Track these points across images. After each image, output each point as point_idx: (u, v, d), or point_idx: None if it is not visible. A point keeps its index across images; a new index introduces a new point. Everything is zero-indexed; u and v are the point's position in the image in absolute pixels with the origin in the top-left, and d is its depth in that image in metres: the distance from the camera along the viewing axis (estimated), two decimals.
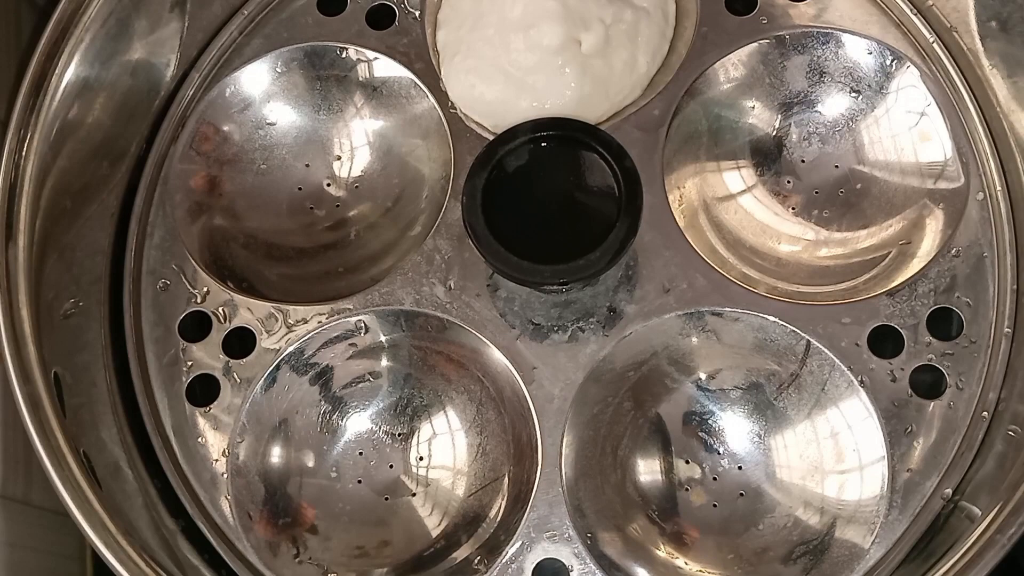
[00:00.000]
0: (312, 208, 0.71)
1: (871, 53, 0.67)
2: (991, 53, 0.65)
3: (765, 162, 0.69)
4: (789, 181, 0.68)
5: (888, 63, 0.67)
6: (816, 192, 0.68)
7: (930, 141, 0.66)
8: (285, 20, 0.71)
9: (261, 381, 0.63)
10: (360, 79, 0.70)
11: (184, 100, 0.70)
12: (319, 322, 0.64)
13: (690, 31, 0.69)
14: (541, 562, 0.59)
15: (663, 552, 0.61)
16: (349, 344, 0.65)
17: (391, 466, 0.65)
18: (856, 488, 0.60)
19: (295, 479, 0.64)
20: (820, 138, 0.69)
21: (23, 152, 0.61)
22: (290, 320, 0.64)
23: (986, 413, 0.60)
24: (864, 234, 0.66)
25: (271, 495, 0.63)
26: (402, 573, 0.62)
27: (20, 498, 0.62)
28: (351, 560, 0.63)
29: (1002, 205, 0.64)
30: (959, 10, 0.66)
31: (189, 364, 0.64)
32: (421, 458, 0.65)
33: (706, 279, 0.63)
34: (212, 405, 0.63)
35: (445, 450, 0.65)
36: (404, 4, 0.71)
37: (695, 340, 0.63)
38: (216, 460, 0.62)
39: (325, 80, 0.71)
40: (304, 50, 0.70)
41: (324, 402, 0.65)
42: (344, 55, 0.70)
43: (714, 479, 0.63)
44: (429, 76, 0.68)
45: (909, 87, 0.67)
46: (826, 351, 0.61)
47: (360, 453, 0.65)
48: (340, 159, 0.71)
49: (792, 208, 0.68)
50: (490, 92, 0.66)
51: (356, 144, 0.71)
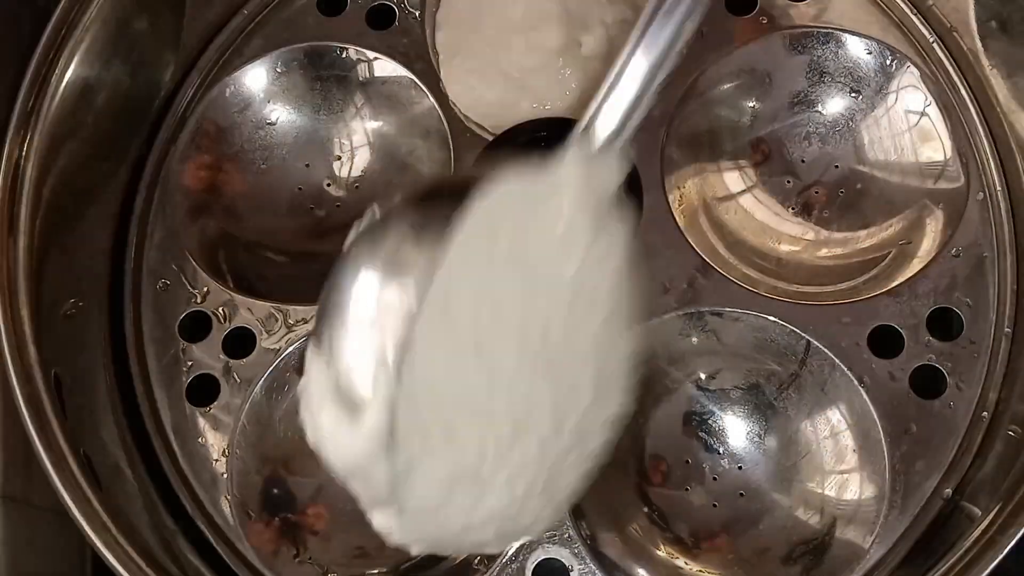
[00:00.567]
0: (312, 208, 0.71)
1: (871, 53, 0.67)
2: (991, 53, 0.65)
3: (765, 162, 0.69)
4: (789, 181, 0.68)
5: (888, 63, 0.67)
6: (816, 192, 0.68)
7: (930, 141, 0.66)
8: (285, 20, 0.71)
9: (261, 381, 0.63)
10: (360, 79, 0.70)
11: (184, 100, 0.70)
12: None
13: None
14: (541, 562, 0.59)
15: (663, 552, 0.61)
16: None
17: None
18: (856, 488, 0.60)
19: (295, 479, 0.64)
20: (820, 138, 0.68)
21: (23, 152, 0.61)
22: (290, 320, 0.64)
23: (986, 413, 0.60)
24: (864, 234, 0.66)
25: (271, 495, 0.63)
26: (402, 574, 0.62)
27: (20, 498, 0.62)
28: (351, 560, 0.63)
29: (1002, 205, 0.64)
30: (959, 10, 0.66)
31: (189, 364, 0.64)
32: None
33: (706, 279, 0.63)
34: (212, 405, 0.63)
35: None
36: (404, 4, 0.71)
37: (695, 340, 0.63)
38: (216, 460, 0.62)
39: (325, 80, 0.71)
40: (304, 50, 0.70)
41: None
42: (344, 55, 0.70)
43: (714, 479, 0.63)
44: (429, 76, 0.68)
45: (909, 87, 0.67)
46: (826, 351, 0.61)
47: None
48: (340, 159, 0.71)
49: (792, 208, 0.68)
50: (490, 93, 0.66)
51: (356, 144, 0.71)
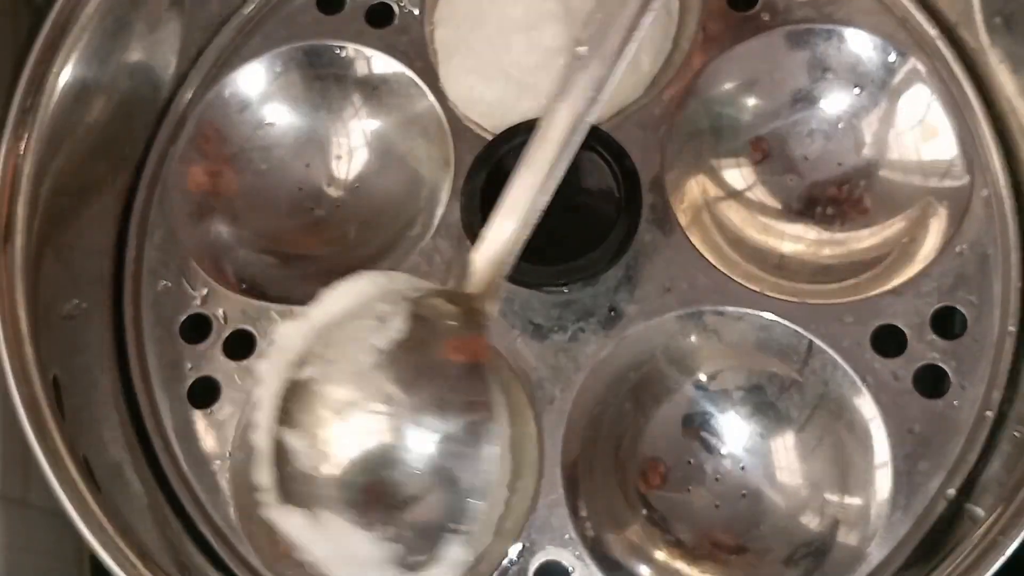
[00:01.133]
0: (312, 208, 0.70)
1: (874, 49, 0.67)
2: (996, 49, 0.65)
3: (767, 160, 0.68)
4: (791, 179, 0.68)
5: (891, 59, 0.66)
6: (819, 189, 0.67)
7: (934, 138, 0.66)
8: (284, 19, 0.71)
9: None
10: (359, 78, 0.70)
11: (183, 100, 0.70)
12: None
13: (692, 27, 0.68)
14: (542, 564, 0.59)
15: (665, 553, 0.61)
16: None
17: None
18: (859, 489, 0.60)
19: None
20: (823, 135, 0.68)
21: (21, 151, 0.61)
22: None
23: (990, 413, 0.59)
24: (867, 232, 0.66)
25: None
26: None
27: (18, 499, 0.62)
28: None
29: (1007, 202, 0.63)
30: (963, 6, 0.66)
31: (190, 366, 0.64)
32: None
33: (707, 278, 0.62)
34: (213, 407, 0.63)
35: None
36: (403, 2, 0.70)
37: (696, 340, 0.63)
38: (217, 463, 0.62)
39: (324, 79, 0.70)
40: (303, 49, 0.70)
41: None
42: (343, 54, 0.70)
43: (716, 480, 0.63)
44: (429, 75, 0.68)
45: (913, 83, 0.66)
46: (828, 350, 0.60)
47: None
48: (340, 159, 0.71)
49: (794, 206, 0.67)
50: (490, 93, 0.66)
51: (355, 144, 0.71)
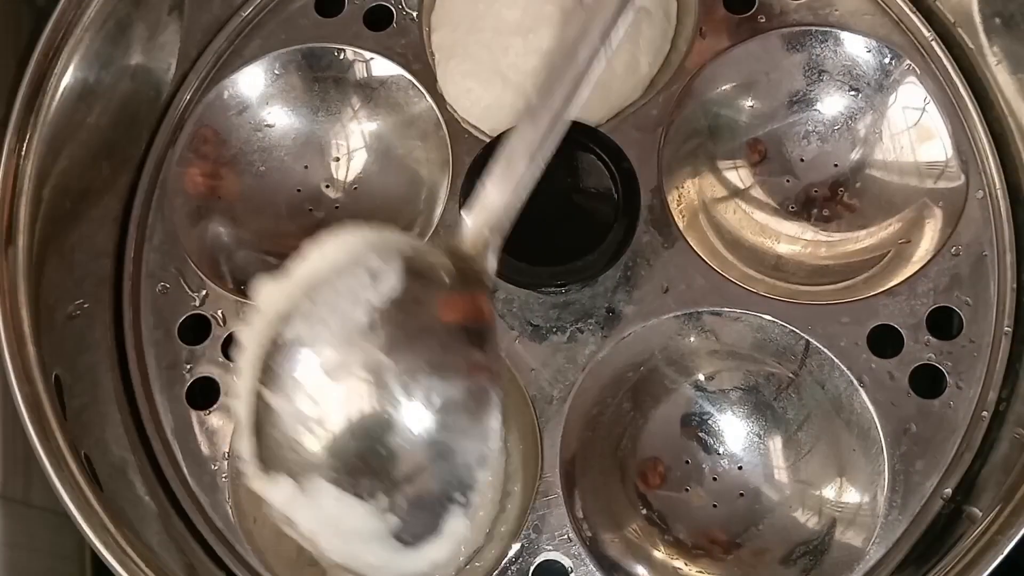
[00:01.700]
0: (311, 210, 0.70)
1: (870, 51, 0.67)
2: (994, 50, 0.65)
3: (764, 161, 0.68)
4: (788, 180, 0.68)
5: (887, 61, 0.67)
6: (815, 191, 0.68)
7: (929, 140, 0.66)
8: (283, 22, 0.71)
9: None
10: (358, 80, 0.70)
11: (182, 102, 0.70)
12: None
13: (690, 28, 0.68)
14: (541, 563, 0.59)
15: (663, 553, 0.61)
16: None
17: None
18: (856, 488, 0.60)
19: None
20: (819, 137, 0.68)
21: (23, 153, 0.61)
22: None
23: (986, 413, 0.60)
24: (863, 233, 0.66)
25: None
26: None
27: (20, 498, 0.62)
28: None
29: (1002, 203, 0.64)
30: (961, 7, 0.66)
31: (189, 367, 0.64)
32: None
33: (705, 279, 0.63)
34: (212, 408, 0.63)
35: None
36: (402, 5, 0.70)
37: (694, 340, 0.63)
38: (217, 463, 0.62)
39: (323, 81, 0.70)
40: (302, 51, 0.70)
41: None
42: (342, 56, 0.70)
43: (714, 479, 0.63)
44: (427, 77, 0.68)
45: (908, 85, 0.67)
46: (825, 351, 0.61)
47: None
48: (338, 160, 0.71)
49: (791, 207, 0.67)
50: (488, 96, 0.66)
51: (354, 145, 0.71)
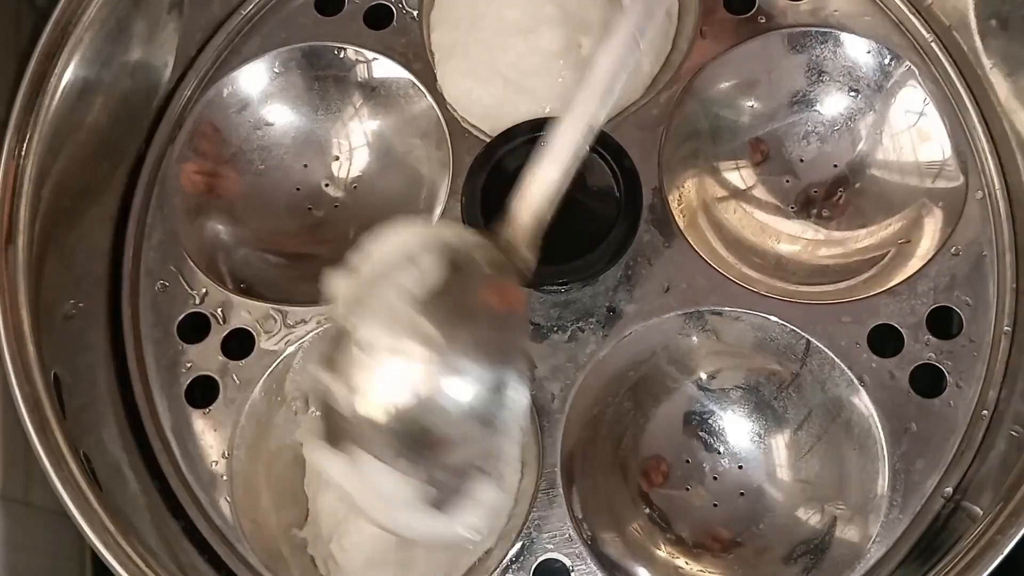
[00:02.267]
0: (311, 208, 0.70)
1: (870, 52, 0.67)
2: (991, 51, 0.65)
3: (764, 161, 0.68)
4: (788, 180, 0.68)
5: (887, 62, 0.67)
6: (815, 191, 0.68)
7: (929, 140, 0.66)
8: (283, 20, 0.71)
9: (260, 383, 0.63)
10: (358, 79, 0.70)
11: (182, 101, 0.70)
12: (318, 322, 0.64)
13: (691, 28, 0.68)
14: (542, 562, 0.59)
15: (663, 552, 0.61)
16: None
17: None
18: (856, 487, 0.60)
19: None
20: (819, 137, 0.68)
21: (23, 152, 0.61)
22: (289, 321, 0.64)
23: (986, 412, 0.60)
24: (863, 233, 0.66)
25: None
26: None
27: (20, 499, 0.62)
28: None
29: (1001, 204, 0.64)
30: (958, 8, 0.66)
31: (188, 366, 0.64)
32: None
33: (706, 279, 0.63)
34: (211, 407, 0.63)
35: None
36: (402, 4, 0.71)
37: (695, 340, 0.63)
38: (216, 462, 0.62)
39: (323, 80, 0.70)
40: (302, 50, 0.70)
41: None
42: (342, 55, 0.70)
43: (714, 479, 0.63)
44: (427, 76, 0.68)
45: (908, 86, 0.67)
46: (826, 350, 0.61)
47: None
48: (338, 159, 0.71)
49: (791, 207, 0.68)
50: (488, 96, 0.66)
51: (354, 144, 0.71)
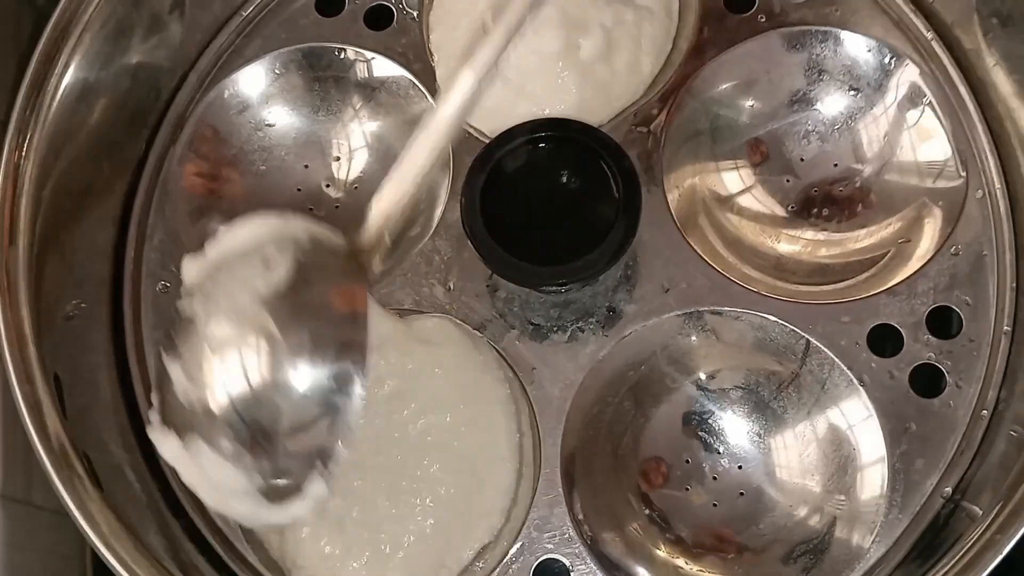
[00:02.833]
0: (311, 209, 0.70)
1: (870, 51, 0.67)
2: (992, 50, 0.65)
3: (764, 161, 0.68)
4: (788, 180, 0.68)
5: (887, 61, 0.67)
6: (815, 190, 0.68)
7: (929, 139, 0.66)
8: (283, 21, 0.71)
9: None
10: (358, 80, 0.70)
11: (183, 102, 0.70)
12: None
13: (691, 27, 0.68)
14: (541, 562, 0.59)
15: (663, 552, 0.61)
16: None
17: None
18: (856, 487, 0.60)
19: None
20: (819, 136, 0.68)
21: (23, 153, 0.61)
22: None
23: (986, 412, 0.60)
24: (863, 233, 0.66)
25: None
26: None
27: (20, 498, 0.62)
28: None
29: (1001, 203, 0.64)
30: (959, 7, 0.66)
31: None
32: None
33: (705, 278, 0.63)
34: None
35: None
36: (402, 4, 0.71)
37: (695, 340, 0.63)
38: None
39: (323, 81, 0.70)
40: (302, 51, 0.70)
41: None
42: (342, 56, 0.70)
43: (714, 478, 0.63)
44: (427, 77, 0.68)
45: (908, 85, 0.67)
46: (825, 350, 0.61)
47: None
48: (339, 160, 0.71)
49: (791, 207, 0.68)
50: (487, 98, 0.64)
51: (355, 145, 0.71)
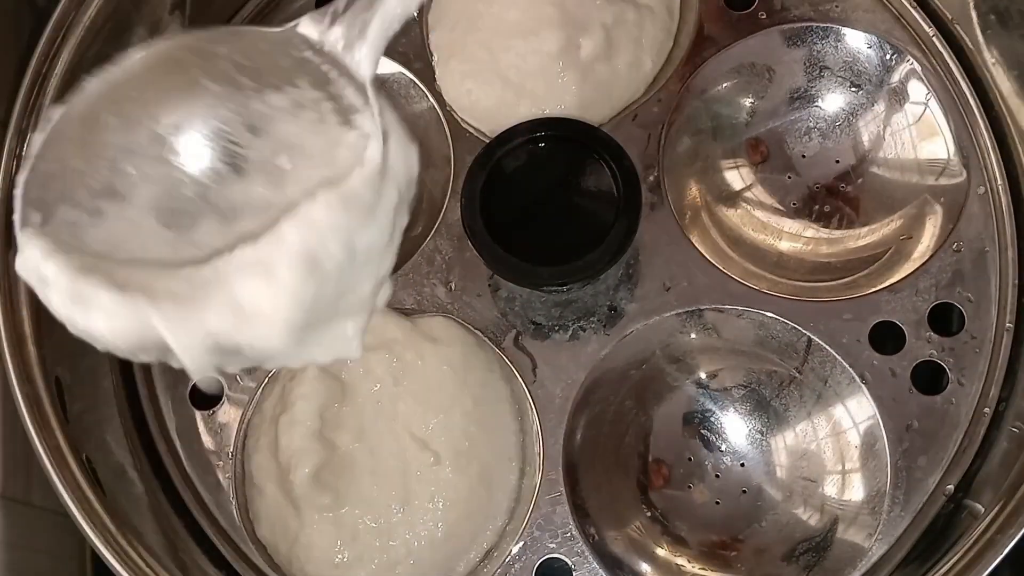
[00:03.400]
0: None
1: (871, 47, 0.67)
2: (992, 46, 0.65)
3: (765, 159, 0.68)
4: (790, 177, 0.68)
5: (888, 57, 0.67)
6: (817, 188, 0.68)
7: (931, 136, 0.66)
8: (283, 21, 0.69)
9: (264, 383, 0.63)
10: None
11: None
12: None
13: (692, 24, 0.68)
14: (544, 561, 0.59)
15: (665, 550, 0.61)
16: None
17: None
18: (858, 485, 0.60)
19: None
20: (820, 133, 0.68)
21: (24, 153, 0.60)
22: None
23: (988, 409, 0.60)
24: (865, 230, 0.66)
25: None
26: None
27: (21, 499, 0.62)
28: None
29: (1003, 199, 0.64)
30: (959, 3, 0.66)
31: None
32: None
33: (707, 277, 0.63)
34: (216, 408, 0.63)
35: None
36: None
37: (696, 338, 0.63)
38: (220, 463, 0.62)
39: None
40: None
41: None
42: None
43: (716, 477, 0.63)
44: (428, 76, 0.68)
45: (909, 81, 0.66)
46: (827, 347, 0.61)
47: None
48: None
49: (793, 205, 0.67)
50: (488, 98, 0.65)
51: None
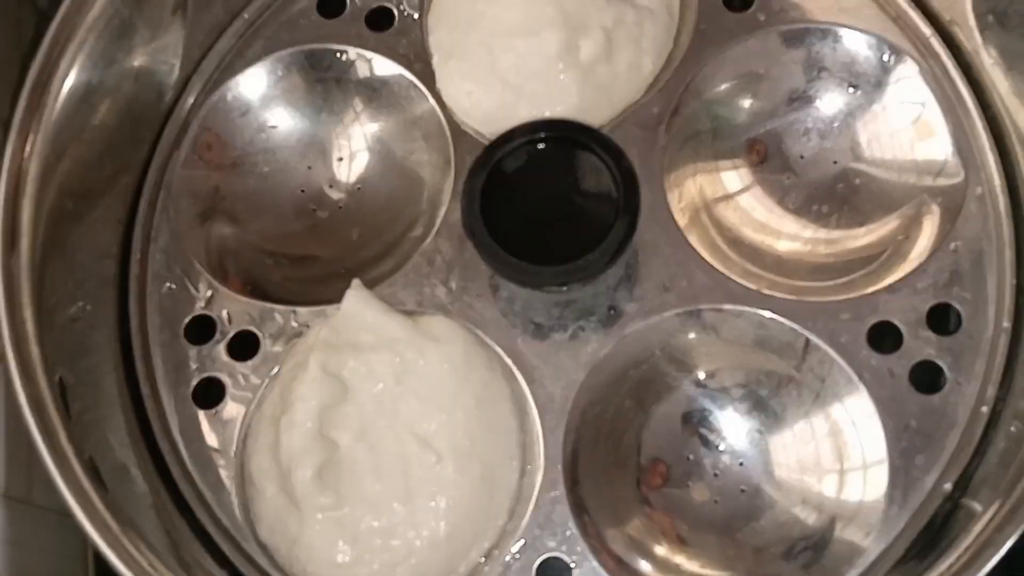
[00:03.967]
0: (314, 210, 0.71)
1: (869, 48, 0.67)
2: (990, 47, 0.65)
3: (764, 159, 0.69)
4: (788, 177, 0.68)
5: (886, 58, 0.67)
6: (815, 188, 0.68)
7: (929, 136, 0.66)
8: (285, 23, 0.71)
9: (266, 383, 0.63)
10: (360, 81, 0.71)
11: (186, 104, 0.70)
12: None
13: (691, 25, 0.68)
14: (544, 561, 0.59)
15: (665, 549, 0.61)
16: None
17: None
18: (856, 484, 0.60)
19: None
20: (818, 134, 0.68)
21: (26, 154, 0.61)
22: (294, 322, 0.64)
23: (985, 408, 0.60)
24: (863, 230, 0.66)
25: None
26: None
27: (23, 498, 0.62)
28: None
29: (1001, 200, 0.64)
30: (957, 4, 0.66)
31: (195, 367, 0.65)
32: None
33: (706, 277, 0.63)
34: (218, 407, 0.64)
35: None
36: (403, 5, 0.71)
37: (695, 338, 0.63)
38: (223, 462, 0.63)
39: (325, 82, 0.71)
40: (304, 53, 0.70)
41: None
42: (344, 57, 0.70)
43: (715, 476, 0.63)
44: (429, 78, 0.68)
45: (907, 82, 0.67)
46: (825, 347, 0.61)
47: None
48: (341, 161, 0.71)
49: (791, 205, 0.68)
50: (487, 99, 0.66)
51: (357, 146, 0.71)
